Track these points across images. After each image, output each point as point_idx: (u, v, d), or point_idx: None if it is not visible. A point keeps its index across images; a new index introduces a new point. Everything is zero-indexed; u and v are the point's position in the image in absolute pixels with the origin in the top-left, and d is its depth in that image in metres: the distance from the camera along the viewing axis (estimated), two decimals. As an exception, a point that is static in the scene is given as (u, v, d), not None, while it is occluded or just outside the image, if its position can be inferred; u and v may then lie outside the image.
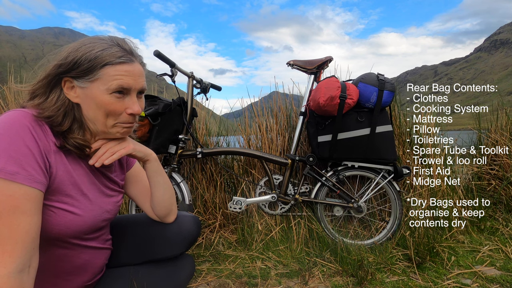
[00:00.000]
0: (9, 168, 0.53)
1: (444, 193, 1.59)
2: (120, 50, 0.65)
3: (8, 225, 0.52)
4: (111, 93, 0.63)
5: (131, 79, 0.65)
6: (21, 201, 0.54)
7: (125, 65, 0.65)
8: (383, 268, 1.23)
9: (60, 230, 0.63)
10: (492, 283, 1.13)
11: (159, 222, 0.90)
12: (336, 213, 1.51)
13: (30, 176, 0.55)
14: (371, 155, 1.42)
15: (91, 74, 0.62)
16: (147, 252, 0.89)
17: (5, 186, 0.52)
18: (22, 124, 0.57)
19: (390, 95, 1.39)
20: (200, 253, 1.40)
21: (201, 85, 1.59)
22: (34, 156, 0.56)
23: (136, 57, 0.69)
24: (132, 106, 0.67)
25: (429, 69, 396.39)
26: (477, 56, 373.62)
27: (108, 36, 0.68)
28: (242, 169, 1.73)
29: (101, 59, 0.62)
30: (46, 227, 0.61)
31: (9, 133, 0.55)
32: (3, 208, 0.52)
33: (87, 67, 0.62)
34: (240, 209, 1.50)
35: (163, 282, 0.88)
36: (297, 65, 1.55)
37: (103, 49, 0.63)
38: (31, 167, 0.55)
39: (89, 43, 0.64)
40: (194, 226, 0.94)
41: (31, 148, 0.56)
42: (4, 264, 0.51)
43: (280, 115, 1.78)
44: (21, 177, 0.54)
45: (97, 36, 0.68)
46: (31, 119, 0.59)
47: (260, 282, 1.17)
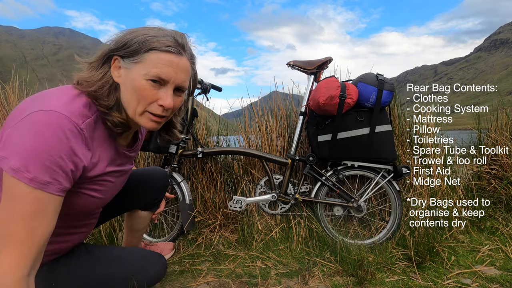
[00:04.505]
0: (41, 178, 0.52)
1: (444, 193, 1.59)
2: (172, 40, 0.63)
3: (28, 229, 0.52)
4: (148, 79, 0.62)
5: (172, 71, 0.63)
6: (45, 206, 0.54)
7: (170, 55, 0.63)
8: (383, 268, 1.23)
9: (79, 209, 0.68)
10: (492, 282, 1.13)
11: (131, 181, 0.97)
12: (336, 212, 1.51)
13: (60, 185, 0.55)
14: (371, 155, 1.42)
15: (136, 55, 0.62)
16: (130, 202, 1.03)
17: (34, 192, 0.52)
18: (60, 131, 0.54)
19: (389, 94, 1.39)
20: (200, 252, 1.41)
21: (202, 86, 1.59)
22: (66, 164, 0.55)
23: (186, 52, 0.66)
24: (165, 98, 0.64)
25: (429, 68, 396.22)
26: (477, 56, 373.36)
27: (171, 29, 0.67)
28: (242, 168, 1.73)
29: (150, 43, 0.62)
30: (68, 206, 0.63)
31: (45, 139, 0.53)
32: (27, 211, 0.52)
33: (134, 48, 0.61)
34: (240, 208, 1.50)
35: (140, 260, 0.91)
36: (297, 65, 1.56)
37: (156, 35, 0.63)
38: (61, 177, 0.55)
39: (147, 29, 0.64)
40: (164, 176, 1.12)
41: (65, 158, 0.55)
42: (18, 267, 0.51)
43: (280, 115, 1.78)
44: (52, 187, 0.54)
45: (159, 26, 0.67)
46: (70, 124, 0.56)
47: (260, 281, 1.17)
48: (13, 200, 0.52)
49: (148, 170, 1.11)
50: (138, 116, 0.65)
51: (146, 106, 0.64)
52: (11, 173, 0.51)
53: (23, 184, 0.51)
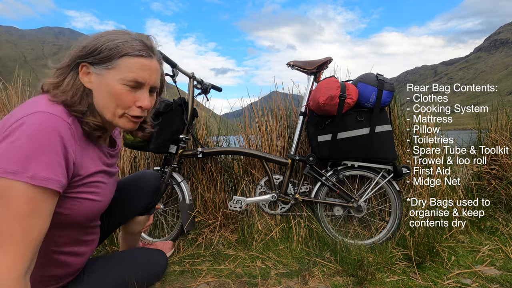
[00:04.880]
0: (41, 175, 0.53)
1: (444, 193, 1.59)
2: (141, 44, 0.67)
3: (25, 228, 0.53)
4: (124, 84, 0.65)
5: (146, 74, 0.67)
6: (42, 205, 0.55)
7: (142, 58, 0.66)
8: (383, 268, 1.23)
9: (82, 217, 0.68)
10: (492, 282, 1.13)
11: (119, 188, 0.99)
12: (336, 212, 1.51)
13: (59, 180, 0.56)
14: (371, 155, 1.42)
15: (109, 62, 0.64)
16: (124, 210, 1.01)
17: (31, 191, 0.53)
18: (53, 129, 0.57)
19: (389, 95, 1.39)
20: (200, 253, 1.41)
21: (202, 86, 1.59)
22: (61, 161, 0.57)
23: (155, 54, 0.70)
24: (143, 99, 0.68)
25: (429, 69, 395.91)
26: (477, 56, 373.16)
27: (135, 32, 0.70)
28: (242, 169, 1.73)
29: (121, 49, 0.64)
30: (69, 216, 0.64)
31: (41, 138, 0.55)
32: (24, 211, 0.53)
33: (106, 55, 0.64)
34: (240, 208, 1.50)
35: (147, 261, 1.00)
36: (297, 65, 1.56)
37: (125, 40, 0.65)
38: (59, 173, 0.57)
39: (113, 34, 0.66)
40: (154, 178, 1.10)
41: (61, 154, 0.57)
42: (16, 266, 0.52)
43: (280, 115, 1.78)
44: (52, 183, 0.55)
45: (124, 30, 0.70)
46: (61, 122, 0.59)
47: (260, 282, 1.17)
48: (7, 199, 0.52)
49: (139, 175, 1.11)
50: (117, 119, 0.68)
51: (126, 109, 0.67)
52: (10, 177, 0.52)
53: (20, 183, 0.52)
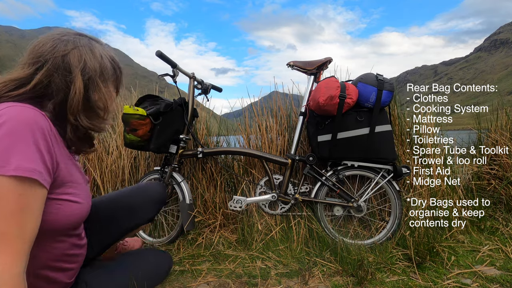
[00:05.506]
0: (24, 166, 0.53)
1: (444, 193, 1.59)
2: None
3: (19, 224, 0.53)
4: None
5: None
6: (32, 200, 0.54)
7: None
8: (383, 268, 1.23)
9: (65, 222, 0.66)
10: (492, 282, 1.13)
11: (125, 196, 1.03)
12: (336, 212, 1.51)
13: (41, 175, 0.56)
14: (371, 155, 1.42)
15: None
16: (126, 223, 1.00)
17: (19, 186, 0.53)
18: (33, 123, 0.57)
19: (389, 95, 1.39)
20: (200, 253, 1.41)
21: (202, 86, 1.59)
22: (44, 156, 0.57)
23: None
24: None
25: (429, 69, 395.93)
26: (477, 56, 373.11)
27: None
28: (242, 169, 1.73)
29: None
30: (52, 220, 0.63)
31: (21, 133, 0.55)
32: (16, 206, 0.52)
33: None
34: (241, 208, 1.50)
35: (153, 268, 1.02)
36: (297, 66, 1.56)
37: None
38: (42, 167, 0.56)
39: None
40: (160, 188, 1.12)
41: (42, 148, 0.57)
42: (15, 263, 0.52)
43: (280, 115, 1.78)
44: (37, 174, 0.55)
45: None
46: (41, 116, 0.59)
47: (260, 281, 1.17)
48: None
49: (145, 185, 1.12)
50: None
51: None
52: None
53: (6, 179, 0.52)
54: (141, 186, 1.11)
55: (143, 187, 1.10)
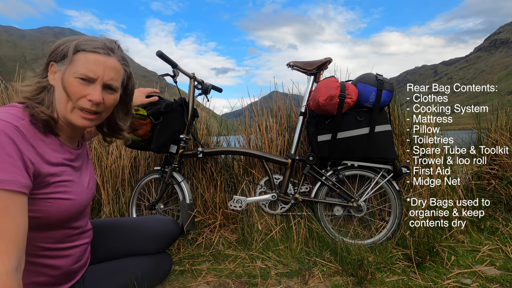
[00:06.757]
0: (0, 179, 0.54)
1: (444, 193, 1.59)
2: (101, 44, 0.69)
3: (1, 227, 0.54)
4: (76, 77, 0.67)
5: (99, 69, 0.68)
6: (8, 203, 0.55)
7: (98, 55, 0.68)
8: (383, 268, 1.23)
9: (58, 217, 0.69)
10: (492, 282, 1.13)
11: (139, 224, 1.06)
12: (336, 212, 1.51)
13: (15, 181, 0.57)
14: (370, 154, 1.42)
15: (66, 57, 0.67)
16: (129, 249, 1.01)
17: None
18: (3, 133, 0.58)
19: (388, 94, 1.39)
20: (200, 252, 1.41)
21: (203, 86, 1.59)
22: (16, 162, 0.58)
23: (116, 54, 0.72)
24: (93, 93, 0.68)
25: (429, 68, 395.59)
26: (477, 55, 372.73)
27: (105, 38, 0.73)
28: (242, 168, 1.73)
29: (78, 46, 0.67)
30: (45, 216, 0.66)
31: None
32: None
33: (65, 51, 0.67)
34: (241, 207, 1.50)
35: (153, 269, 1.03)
36: (297, 66, 1.56)
37: (87, 40, 0.69)
38: (15, 173, 0.57)
39: (80, 36, 0.70)
40: (173, 226, 1.13)
41: (13, 155, 0.58)
42: (3, 262, 0.52)
43: (280, 115, 1.78)
44: (9, 184, 0.55)
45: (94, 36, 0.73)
46: (8, 125, 0.60)
47: (260, 281, 1.17)
48: None
49: (160, 218, 1.15)
50: (69, 114, 0.69)
51: (76, 101, 0.68)
52: None
53: None
54: (156, 221, 1.13)
55: (157, 223, 1.12)
